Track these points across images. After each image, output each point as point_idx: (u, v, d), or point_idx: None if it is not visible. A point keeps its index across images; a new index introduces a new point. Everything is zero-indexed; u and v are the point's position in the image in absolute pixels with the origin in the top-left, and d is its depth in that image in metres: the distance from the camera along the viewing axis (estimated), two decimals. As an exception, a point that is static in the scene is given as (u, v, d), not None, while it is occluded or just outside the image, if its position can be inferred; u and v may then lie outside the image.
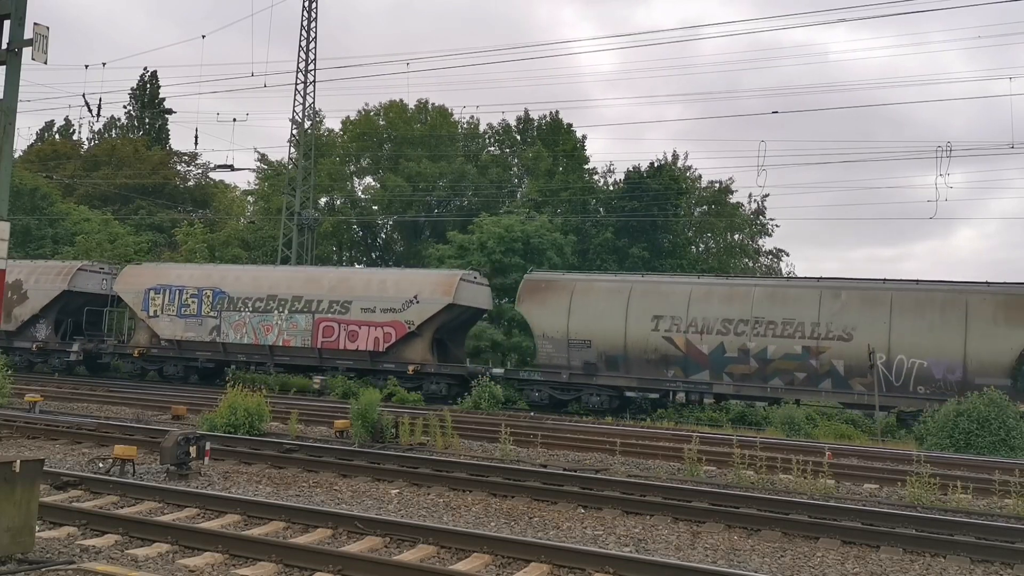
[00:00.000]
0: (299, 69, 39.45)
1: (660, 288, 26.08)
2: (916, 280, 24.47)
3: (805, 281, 25.75)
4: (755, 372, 24.31)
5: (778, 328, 24.01)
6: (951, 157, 30.37)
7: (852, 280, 25.10)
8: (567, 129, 48.25)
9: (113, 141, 60.10)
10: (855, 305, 23.68)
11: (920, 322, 22.93)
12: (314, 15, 39.57)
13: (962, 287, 23.44)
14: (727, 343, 24.47)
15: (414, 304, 27.60)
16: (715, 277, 27.79)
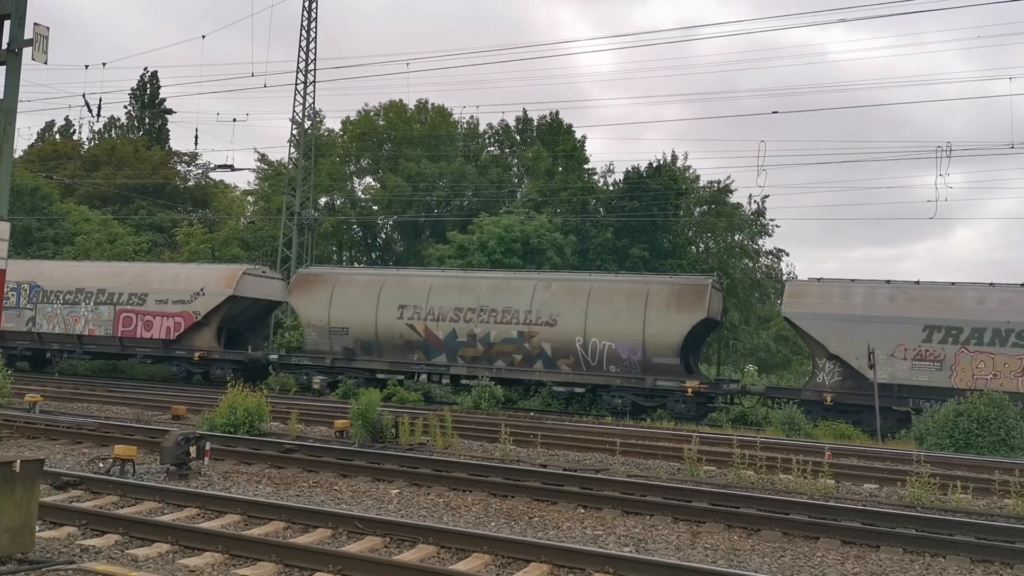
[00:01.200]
0: (299, 69, 39.44)
1: (407, 281, 28.77)
2: (615, 273, 29.86)
3: (524, 274, 29.11)
4: (482, 355, 26.95)
5: (499, 315, 26.76)
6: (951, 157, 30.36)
7: (561, 273, 29.40)
8: (567, 129, 48.23)
9: (113, 141, 60.09)
10: (561, 295, 26.47)
11: (610, 309, 25.59)
12: (314, 15, 39.56)
13: (644, 279, 26.90)
14: (458, 329, 27.18)
15: (201, 296, 30.43)
16: (452, 271, 30.72)
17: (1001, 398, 19.62)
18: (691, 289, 25.36)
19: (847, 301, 24.03)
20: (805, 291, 24.88)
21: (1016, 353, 22.12)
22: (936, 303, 23.24)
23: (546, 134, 48.61)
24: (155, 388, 27.54)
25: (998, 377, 22.15)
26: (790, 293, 25.18)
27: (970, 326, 22.61)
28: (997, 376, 22.18)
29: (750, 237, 47.29)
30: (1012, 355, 22.13)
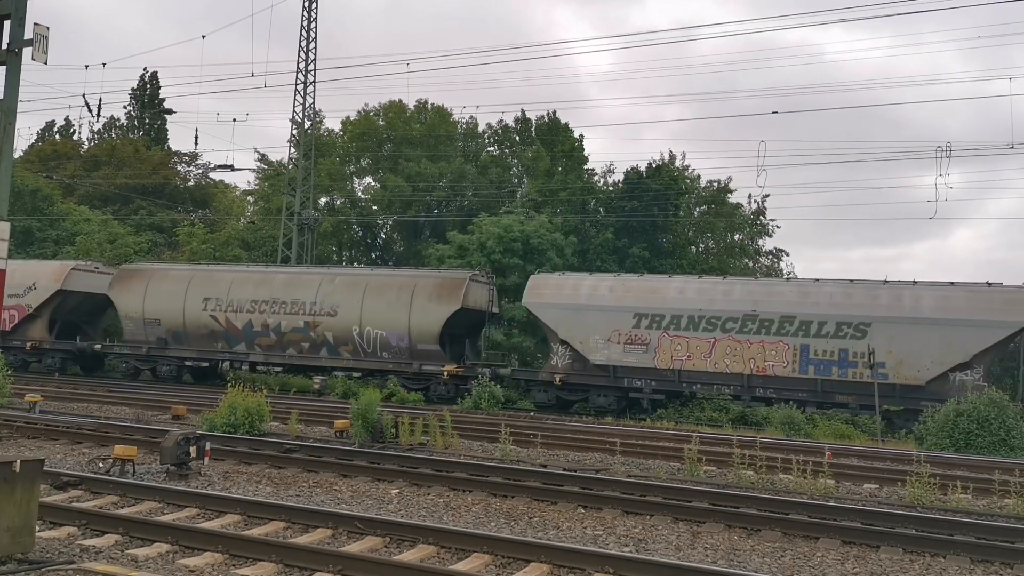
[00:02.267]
0: (299, 69, 39.44)
1: (211, 276, 31.21)
2: (390, 266, 34.06)
3: (313, 269, 32.11)
4: (275, 343, 29.59)
5: (289, 307, 29.40)
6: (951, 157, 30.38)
7: (344, 268, 33.16)
8: (565, 129, 48.22)
9: (113, 141, 60.08)
10: (341, 288, 28.96)
11: (382, 301, 28.17)
12: (314, 15, 39.57)
13: (414, 274, 29.81)
14: (255, 320, 29.71)
15: (32, 291, 32.53)
16: (254, 266, 33.90)
17: (1001, 398, 19.63)
18: (451, 282, 27.97)
19: (576, 292, 26.85)
20: (543, 284, 27.73)
21: (706, 336, 24.96)
22: (646, 293, 26.14)
23: (545, 134, 48.60)
24: (155, 388, 27.54)
25: (691, 358, 25.15)
26: (531, 286, 27.94)
27: (670, 313, 25.45)
28: (691, 357, 25.16)
29: (750, 237, 47.30)
30: (702, 338, 25.00)
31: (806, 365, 23.84)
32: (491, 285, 29.71)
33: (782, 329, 24.13)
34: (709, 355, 24.88)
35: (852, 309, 23.82)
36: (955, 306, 23.11)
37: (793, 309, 24.26)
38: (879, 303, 23.80)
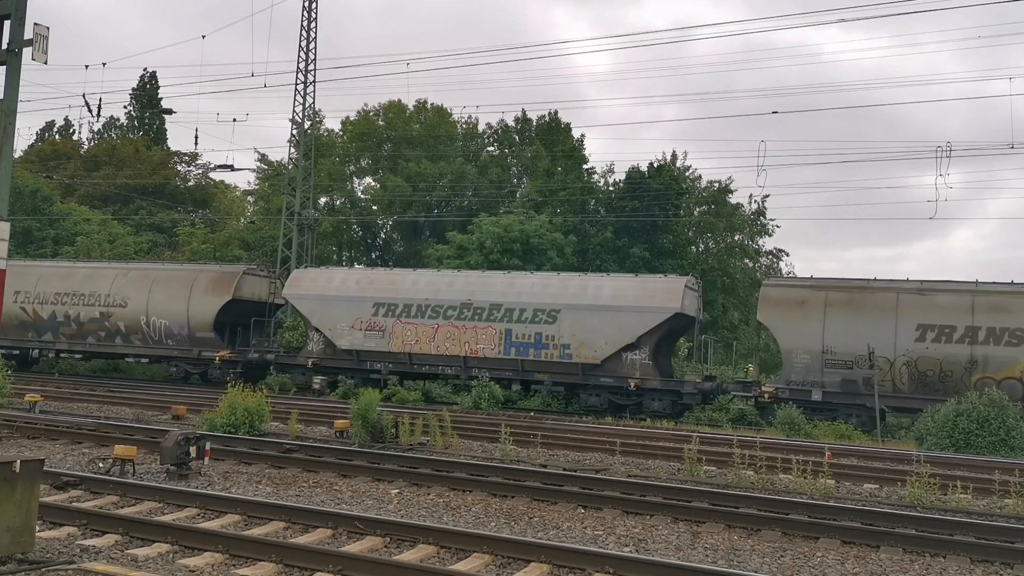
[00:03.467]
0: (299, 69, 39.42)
1: (24, 271, 32.86)
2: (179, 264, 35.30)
3: (109, 264, 34.33)
4: (76, 332, 32.03)
5: (87, 299, 31.98)
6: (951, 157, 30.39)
7: (135, 264, 35.09)
8: (566, 129, 48.22)
9: (113, 141, 60.08)
10: (132, 281, 31.76)
11: (166, 293, 31.02)
12: (314, 15, 39.53)
13: (195, 268, 32.50)
14: (58, 311, 32.33)
15: None
16: (58, 261, 36.58)
17: (1001, 398, 19.62)
18: (225, 276, 31.08)
19: (328, 284, 29.40)
20: (302, 277, 30.30)
21: (431, 323, 27.57)
22: (385, 285, 28.78)
23: (545, 134, 48.60)
24: (155, 388, 27.54)
25: (419, 342, 27.66)
26: (291, 280, 30.55)
27: (403, 303, 28.14)
28: (418, 341, 27.68)
29: (750, 237, 47.31)
30: (428, 324, 27.70)
31: (510, 347, 26.69)
32: (272, 278, 32.43)
33: (491, 316, 26.96)
34: (432, 339, 27.54)
35: (546, 298, 26.67)
36: (626, 295, 25.89)
37: (500, 299, 27.12)
38: (568, 292, 26.66)
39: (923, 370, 22.83)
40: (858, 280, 25.08)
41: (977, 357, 22.31)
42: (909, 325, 23.07)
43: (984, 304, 22.73)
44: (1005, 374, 22.04)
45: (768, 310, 25.27)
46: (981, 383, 21.78)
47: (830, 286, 24.78)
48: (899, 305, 23.40)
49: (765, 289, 26.19)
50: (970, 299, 22.92)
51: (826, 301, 24.19)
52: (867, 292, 24.13)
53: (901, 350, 23.03)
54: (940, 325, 22.72)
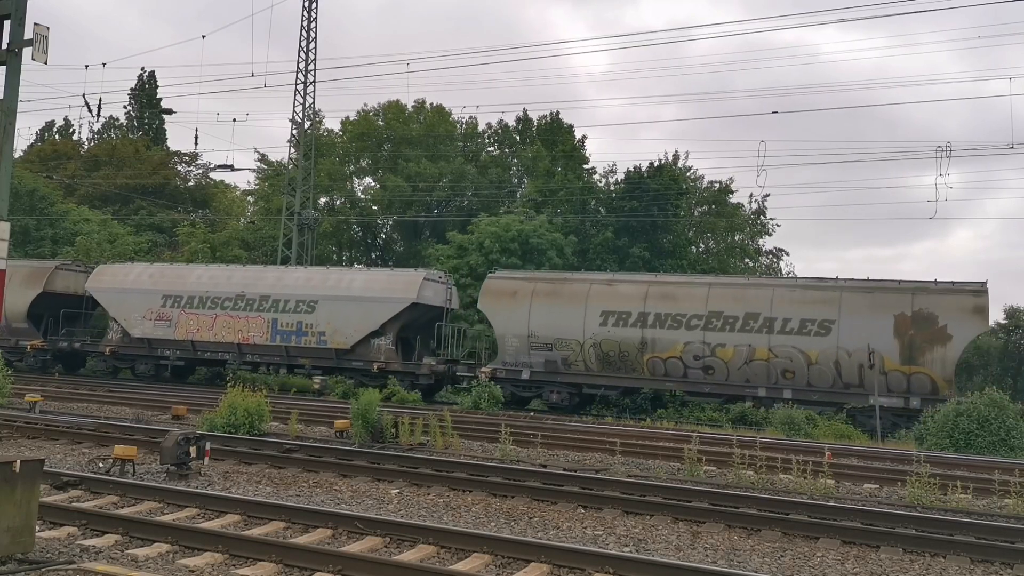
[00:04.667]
0: (299, 69, 39.44)
1: None
2: None
3: None
4: None
5: None
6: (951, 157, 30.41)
7: None
8: (567, 129, 48.19)
9: (113, 141, 60.05)
10: None
11: None
12: (314, 15, 39.56)
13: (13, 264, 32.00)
14: None
15: None
16: None
17: (1001, 398, 19.63)
18: (37, 271, 33.26)
19: (125, 278, 32.09)
20: (105, 272, 32.92)
21: (210, 313, 30.49)
22: (174, 279, 31.61)
23: (546, 134, 48.58)
24: (155, 388, 27.54)
25: (200, 330, 30.53)
26: (94, 274, 32.84)
27: (187, 295, 30.88)
28: (200, 330, 30.55)
29: (750, 237, 47.28)
30: (208, 314, 30.50)
31: (276, 335, 29.70)
32: (89, 273, 33.92)
33: (260, 306, 29.90)
34: (211, 328, 30.37)
35: (308, 290, 29.43)
36: (373, 287, 28.83)
37: (269, 290, 29.92)
38: (326, 284, 29.44)
39: (606, 351, 25.80)
40: (561, 273, 29.35)
41: (647, 339, 25.37)
42: (595, 312, 25.99)
43: (655, 293, 25.85)
44: (669, 353, 25.26)
45: (486, 300, 27.84)
46: (651, 361, 25.29)
47: (538, 278, 28.08)
48: (589, 295, 26.39)
49: (486, 282, 28.66)
50: (645, 288, 26.16)
51: (533, 292, 26.99)
52: (566, 283, 27.28)
53: (589, 334, 26.01)
54: (619, 312, 25.79)
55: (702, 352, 24.83)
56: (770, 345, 24.20)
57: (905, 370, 23.13)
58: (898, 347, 23.20)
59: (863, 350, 23.23)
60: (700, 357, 24.85)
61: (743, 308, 24.67)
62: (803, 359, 23.94)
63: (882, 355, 23.17)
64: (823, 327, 23.83)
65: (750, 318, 24.49)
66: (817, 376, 23.86)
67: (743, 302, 24.83)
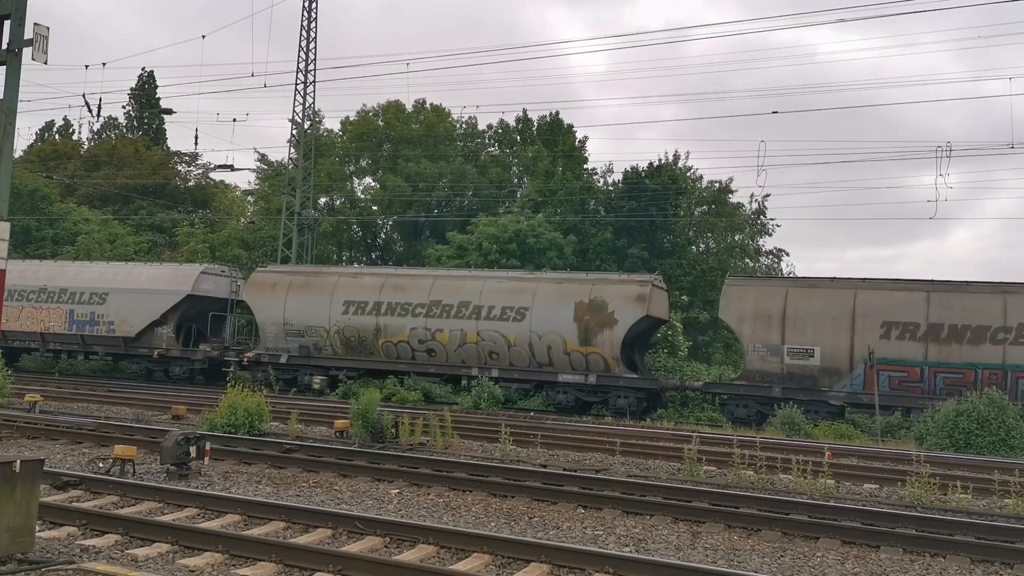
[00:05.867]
0: (299, 69, 39.43)
1: None
2: None
3: None
4: None
5: None
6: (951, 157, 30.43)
7: None
8: (567, 129, 48.19)
9: (112, 141, 60.04)
10: None
11: None
12: (314, 15, 39.54)
13: None
14: None
15: None
16: None
17: (1001, 398, 19.63)
18: None
19: None
20: None
21: (17, 305, 32.48)
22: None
23: (547, 134, 48.57)
24: (155, 388, 27.54)
25: (10, 320, 32.25)
26: None
27: None
28: (9, 320, 32.16)
29: (750, 237, 47.27)
30: (15, 306, 32.42)
31: (72, 324, 32.25)
32: None
33: (59, 299, 32.44)
34: (18, 319, 32.72)
35: (101, 283, 31.91)
36: (156, 280, 31.53)
37: (68, 284, 32.42)
38: (117, 279, 32.05)
39: (348, 336, 28.52)
40: (317, 267, 32.90)
41: (381, 325, 28.18)
42: (339, 301, 28.70)
43: (390, 284, 28.70)
44: (399, 337, 27.99)
45: (249, 292, 30.47)
46: (385, 345, 28.17)
47: (296, 272, 30.94)
48: (336, 286, 29.14)
49: (251, 276, 31.48)
50: (382, 280, 29.05)
51: (289, 284, 29.74)
52: (318, 276, 30.24)
53: (334, 321, 28.65)
54: (359, 301, 28.59)
55: (425, 336, 27.67)
56: (478, 330, 27.00)
57: (583, 351, 25.93)
58: (577, 330, 25.99)
59: (552, 333, 26.19)
60: (424, 341, 27.68)
61: (458, 297, 27.46)
62: (504, 342, 26.67)
63: (564, 338, 26.07)
64: (519, 313, 26.63)
65: (463, 306, 27.33)
66: (516, 357, 26.64)
67: (459, 292, 27.61)
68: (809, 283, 25.46)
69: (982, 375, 22.46)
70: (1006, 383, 22.13)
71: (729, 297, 25.58)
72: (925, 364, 22.99)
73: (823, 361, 23.89)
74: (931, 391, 22.78)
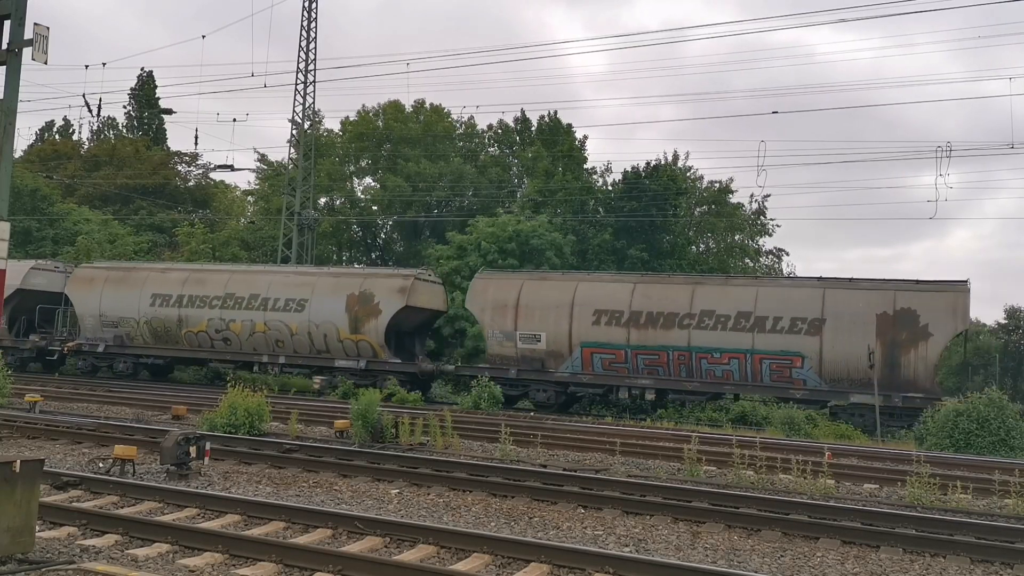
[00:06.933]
0: (299, 69, 39.44)
1: None
2: None
3: None
4: None
5: None
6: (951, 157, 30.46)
7: None
8: (567, 129, 48.18)
9: (112, 142, 60.03)
10: None
11: None
12: (314, 15, 39.56)
13: None
14: None
15: None
16: None
17: (1000, 398, 19.64)
18: None
19: None
20: None
21: None
22: None
23: (546, 134, 48.56)
24: (155, 388, 27.53)
25: None
26: None
27: None
28: None
29: (750, 237, 47.26)
30: None
31: None
32: None
33: None
34: None
35: None
36: None
37: None
38: None
39: (155, 327, 31.28)
40: (132, 263, 35.11)
41: (183, 316, 30.90)
42: (148, 295, 31.28)
43: (192, 279, 31.31)
44: (199, 328, 30.67)
45: (71, 287, 32.57)
46: (187, 335, 30.82)
47: (112, 268, 33.05)
48: (146, 281, 31.77)
49: (74, 272, 33.36)
50: (186, 276, 31.53)
51: (105, 279, 32.10)
52: (131, 272, 32.49)
53: (143, 313, 31.34)
54: (164, 294, 31.07)
55: (221, 326, 30.36)
56: (265, 320, 29.67)
57: (354, 338, 28.61)
58: (348, 320, 28.57)
59: (328, 323, 28.83)
60: (220, 330, 30.41)
61: (249, 290, 30.15)
62: (288, 331, 29.45)
63: (338, 327, 28.71)
64: (300, 305, 29.41)
65: (253, 299, 30.01)
66: (299, 344, 29.46)
67: (251, 286, 30.29)
68: (540, 276, 28.96)
69: (673, 356, 25.27)
70: (691, 362, 25.14)
71: (474, 289, 28.39)
72: (628, 347, 25.70)
73: (548, 345, 26.67)
74: (635, 370, 25.84)
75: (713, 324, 24.82)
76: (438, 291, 30.81)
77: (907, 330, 23.18)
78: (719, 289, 25.55)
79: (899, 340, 23.25)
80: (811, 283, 25.17)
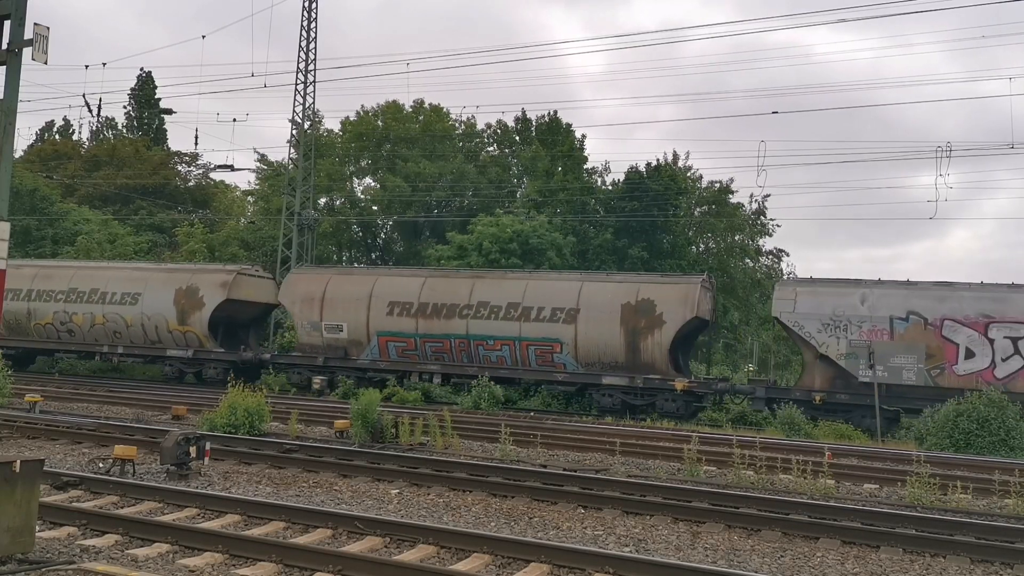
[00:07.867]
0: (299, 69, 39.43)
1: None
2: None
3: None
4: None
5: None
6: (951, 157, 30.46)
7: None
8: (566, 129, 48.16)
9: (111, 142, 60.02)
10: None
11: None
12: (314, 15, 39.55)
13: None
14: None
15: None
16: None
17: (1001, 398, 19.64)
18: None
19: None
20: None
21: None
22: None
23: (545, 134, 48.55)
24: (155, 388, 27.52)
25: None
26: None
27: None
28: None
29: (750, 237, 47.25)
30: None
31: None
32: None
33: None
34: None
35: None
36: None
37: None
38: None
39: (8, 320, 32.24)
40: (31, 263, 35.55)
41: (31, 309, 32.49)
42: None
43: (41, 275, 33.01)
44: (46, 320, 32.37)
45: None
46: (36, 327, 32.57)
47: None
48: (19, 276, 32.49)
49: None
50: (35, 272, 33.09)
51: None
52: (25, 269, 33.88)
53: None
54: (15, 289, 32.31)
55: (65, 319, 32.19)
56: (104, 313, 31.58)
57: (181, 329, 30.72)
58: (176, 312, 30.68)
59: (159, 315, 30.85)
60: (64, 323, 32.19)
61: (90, 285, 31.87)
62: (123, 323, 31.33)
63: (167, 319, 30.75)
64: (134, 299, 31.24)
65: (93, 293, 31.77)
66: (135, 335, 31.33)
67: (91, 281, 32.04)
68: (346, 272, 31.78)
69: (455, 343, 27.33)
70: (470, 349, 27.15)
71: (287, 284, 30.55)
72: (417, 336, 27.74)
73: (350, 335, 28.68)
74: (424, 357, 27.85)
75: (488, 314, 27.00)
76: (267, 285, 32.29)
77: (646, 318, 25.56)
78: (496, 283, 27.81)
79: (639, 327, 25.60)
80: (572, 277, 27.96)
